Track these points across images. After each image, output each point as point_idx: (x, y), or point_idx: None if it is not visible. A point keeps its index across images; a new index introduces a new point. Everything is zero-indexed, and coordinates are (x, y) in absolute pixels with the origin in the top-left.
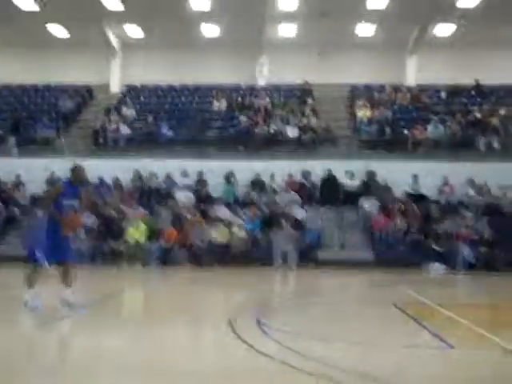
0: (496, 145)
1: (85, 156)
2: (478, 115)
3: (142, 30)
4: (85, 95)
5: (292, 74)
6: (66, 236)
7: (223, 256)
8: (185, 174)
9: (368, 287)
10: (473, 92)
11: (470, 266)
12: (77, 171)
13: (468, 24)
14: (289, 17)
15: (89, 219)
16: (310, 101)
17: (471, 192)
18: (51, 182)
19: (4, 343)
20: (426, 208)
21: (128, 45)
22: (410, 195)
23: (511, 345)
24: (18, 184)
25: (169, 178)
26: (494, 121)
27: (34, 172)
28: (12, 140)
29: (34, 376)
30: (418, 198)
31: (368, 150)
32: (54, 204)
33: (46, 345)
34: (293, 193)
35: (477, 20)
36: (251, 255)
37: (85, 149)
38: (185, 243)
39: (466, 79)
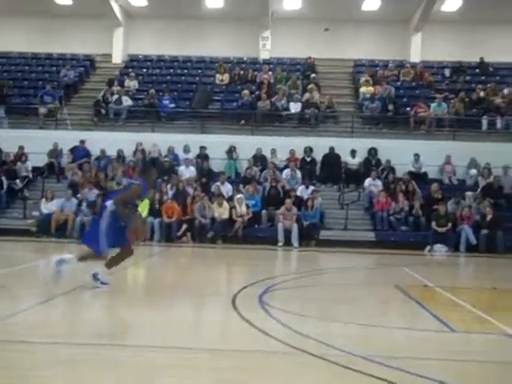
0: (499, 125)
1: (87, 128)
2: (482, 94)
3: None
4: (87, 66)
5: (296, 49)
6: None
7: (226, 232)
8: (187, 150)
9: (369, 268)
10: (477, 70)
11: (472, 248)
12: (151, 174)
13: (474, 0)
14: None
15: (91, 193)
16: (313, 76)
17: (473, 172)
18: (54, 153)
19: None
20: (427, 188)
21: (131, 14)
22: (412, 174)
23: (508, 328)
24: (21, 155)
25: (171, 151)
26: (498, 100)
27: (38, 143)
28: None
29: None
30: (420, 177)
31: (371, 128)
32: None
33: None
34: (294, 170)
35: None
36: (253, 232)
37: (87, 121)
38: (187, 219)
39: (470, 57)
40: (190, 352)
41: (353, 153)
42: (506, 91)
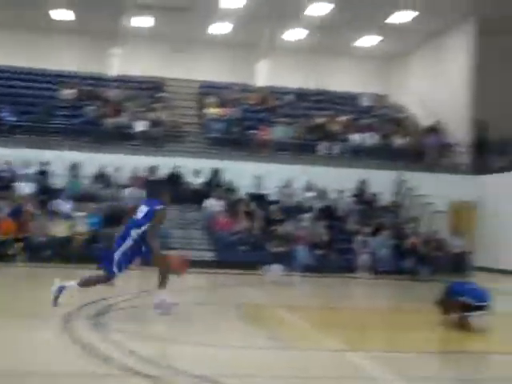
0: (335, 150)
1: None
2: (321, 120)
3: None
4: None
5: (145, 67)
6: None
7: (63, 251)
8: (26, 165)
9: (209, 288)
10: (317, 97)
11: (307, 268)
12: (169, 194)
13: (316, 31)
14: (145, 8)
15: None
16: (160, 95)
17: (310, 195)
18: None
19: None
20: (267, 209)
21: None
22: (252, 195)
23: (341, 345)
24: None
25: (8, 166)
26: (335, 127)
27: None
28: None
29: None
30: (261, 198)
31: (215, 149)
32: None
33: None
34: (138, 189)
35: (325, 28)
36: (92, 251)
37: None
38: (23, 236)
39: (312, 84)
40: (15, 376)
41: (196, 173)
42: (342, 119)
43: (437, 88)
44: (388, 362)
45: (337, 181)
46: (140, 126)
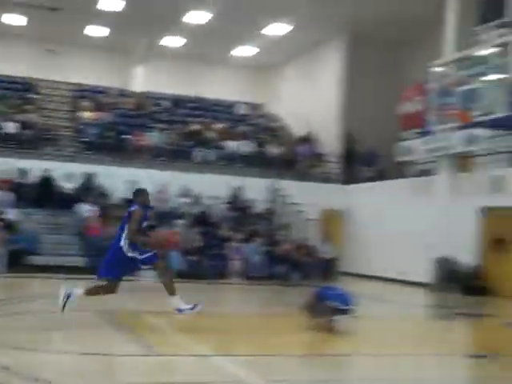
0: (210, 157)
1: None
2: (196, 127)
3: None
4: None
5: (16, 67)
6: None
7: None
8: None
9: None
10: (193, 105)
11: (180, 274)
12: (145, 195)
13: (195, 39)
14: (17, 6)
15: None
16: (32, 96)
17: (185, 201)
18: None
19: None
20: None
21: None
22: (127, 201)
23: (207, 350)
24: None
25: None
26: (210, 134)
27: None
28: None
29: None
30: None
31: (89, 153)
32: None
33: None
34: (5, 192)
35: (203, 36)
36: None
37: None
38: None
39: (189, 91)
40: None
41: (69, 177)
42: (217, 126)
43: (310, 99)
44: (253, 365)
45: (211, 187)
46: (10, 128)
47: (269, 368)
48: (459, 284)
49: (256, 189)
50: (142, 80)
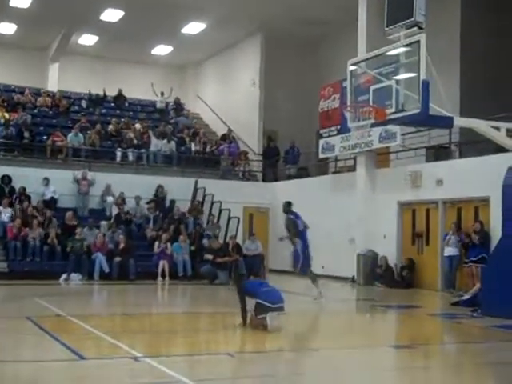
0: (131, 157)
1: None
2: (116, 127)
3: None
4: None
5: None
6: None
7: None
8: None
9: (1, 300)
10: (113, 104)
11: (106, 276)
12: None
13: (110, 37)
14: None
15: None
16: None
17: (110, 199)
18: None
19: None
20: (63, 216)
21: None
22: (46, 202)
23: (134, 351)
24: None
25: None
26: (130, 134)
27: None
28: None
29: None
30: (54, 205)
31: (3, 154)
32: None
33: None
34: None
35: (118, 35)
36: None
37: None
38: None
39: (108, 90)
40: None
41: None
42: (137, 126)
43: (230, 98)
44: (183, 364)
45: (134, 187)
46: None
47: (199, 367)
48: (383, 277)
49: (179, 188)
50: (56, 79)
